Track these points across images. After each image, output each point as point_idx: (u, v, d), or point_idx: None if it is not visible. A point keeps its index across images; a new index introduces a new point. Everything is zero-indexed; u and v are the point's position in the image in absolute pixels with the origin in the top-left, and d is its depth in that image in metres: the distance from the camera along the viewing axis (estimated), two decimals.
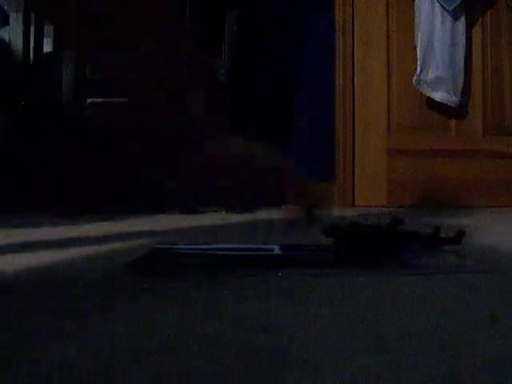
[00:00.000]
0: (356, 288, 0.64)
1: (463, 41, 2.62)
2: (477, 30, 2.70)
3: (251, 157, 2.53)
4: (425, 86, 2.60)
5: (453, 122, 2.70)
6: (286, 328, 0.45)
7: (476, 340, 0.43)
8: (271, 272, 0.73)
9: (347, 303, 0.55)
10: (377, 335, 0.43)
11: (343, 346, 0.40)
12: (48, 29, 2.44)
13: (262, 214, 2.09)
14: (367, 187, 2.60)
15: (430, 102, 2.64)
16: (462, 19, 2.62)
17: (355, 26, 2.67)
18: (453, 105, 2.62)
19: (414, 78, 2.60)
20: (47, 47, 2.43)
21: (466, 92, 2.65)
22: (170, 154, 2.28)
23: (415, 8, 2.63)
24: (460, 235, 0.87)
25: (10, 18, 2.25)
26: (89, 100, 2.42)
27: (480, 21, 2.70)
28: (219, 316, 0.51)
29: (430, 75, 2.59)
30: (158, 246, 1.02)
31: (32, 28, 2.32)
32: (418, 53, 2.61)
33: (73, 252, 0.99)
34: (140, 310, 0.54)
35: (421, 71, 2.59)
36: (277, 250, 0.95)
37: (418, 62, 2.60)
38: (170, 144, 2.30)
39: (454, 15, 2.60)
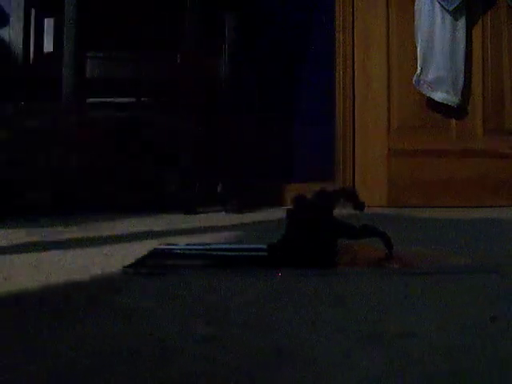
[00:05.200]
0: (356, 287, 0.64)
1: (463, 41, 2.62)
2: (477, 30, 2.70)
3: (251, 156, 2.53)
4: (425, 86, 2.60)
5: (453, 122, 2.70)
6: (286, 328, 0.45)
7: (476, 340, 0.43)
8: (271, 272, 0.73)
9: (348, 302, 0.55)
10: (377, 335, 0.43)
11: (344, 345, 0.40)
12: (48, 28, 2.44)
13: (263, 214, 2.09)
14: (367, 187, 2.60)
15: (430, 102, 2.64)
16: (462, 19, 2.63)
17: (355, 26, 2.67)
18: (453, 105, 2.62)
19: (414, 78, 2.60)
20: (48, 47, 2.43)
21: (465, 92, 2.65)
22: (171, 154, 2.28)
23: (415, 8, 2.63)
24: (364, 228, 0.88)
25: (10, 18, 2.25)
26: (89, 100, 2.42)
27: (480, 21, 2.70)
28: (218, 316, 0.51)
29: (430, 75, 2.60)
30: (158, 247, 1.02)
31: (32, 28, 2.32)
32: (418, 53, 2.61)
33: (72, 252, 0.99)
34: (139, 311, 0.54)
35: (421, 71, 2.60)
36: None
37: (418, 62, 2.60)
38: (170, 144, 2.30)
39: (454, 15, 2.60)
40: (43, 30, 2.42)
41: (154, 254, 0.94)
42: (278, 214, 1.91)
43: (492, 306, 0.55)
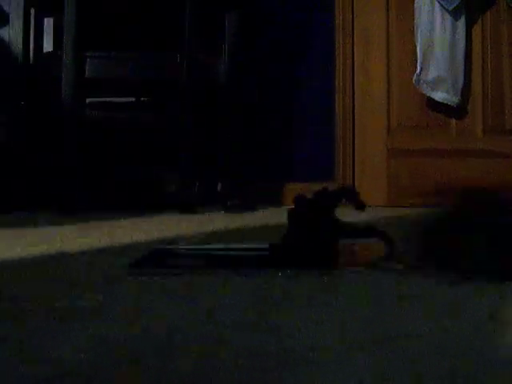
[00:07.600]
0: (356, 287, 0.64)
1: (463, 40, 2.62)
2: (477, 30, 2.70)
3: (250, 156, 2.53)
4: (425, 85, 2.60)
5: (453, 122, 2.69)
6: (287, 328, 0.45)
7: (476, 340, 0.43)
8: (272, 271, 0.73)
9: (348, 302, 0.55)
10: (378, 335, 0.43)
11: (345, 345, 0.40)
12: (48, 28, 2.44)
13: (263, 214, 2.09)
14: (367, 187, 2.60)
15: (430, 102, 2.64)
16: (462, 19, 2.62)
17: (355, 26, 2.67)
18: (453, 104, 2.62)
19: (414, 77, 2.60)
20: (47, 47, 2.43)
21: (465, 92, 2.65)
22: (170, 154, 2.28)
23: (415, 8, 2.63)
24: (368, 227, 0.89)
25: (10, 18, 2.25)
26: (89, 100, 2.42)
27: (480, 20, 2.70)
28: (220, 316, 0.51)
29: (430, 75, 2.59)
30: (158, 246, 1.02)
31: (32, 27, 2.32)
32: (417, 52, 2.61)
33: (72, 252, 0.99)
34: (140, 311, 0.54)
35: (421, 71, 2.59)
36: None
37: (418, 62, 2.60)
38: (170, 144, 2.30)
39: (454, 15, 2.60)
40: (43, 30, 2.42)
41: (154, 253, 0.94)
42: (278, 213, 1.91)
43: (492, 306, 0.55)
